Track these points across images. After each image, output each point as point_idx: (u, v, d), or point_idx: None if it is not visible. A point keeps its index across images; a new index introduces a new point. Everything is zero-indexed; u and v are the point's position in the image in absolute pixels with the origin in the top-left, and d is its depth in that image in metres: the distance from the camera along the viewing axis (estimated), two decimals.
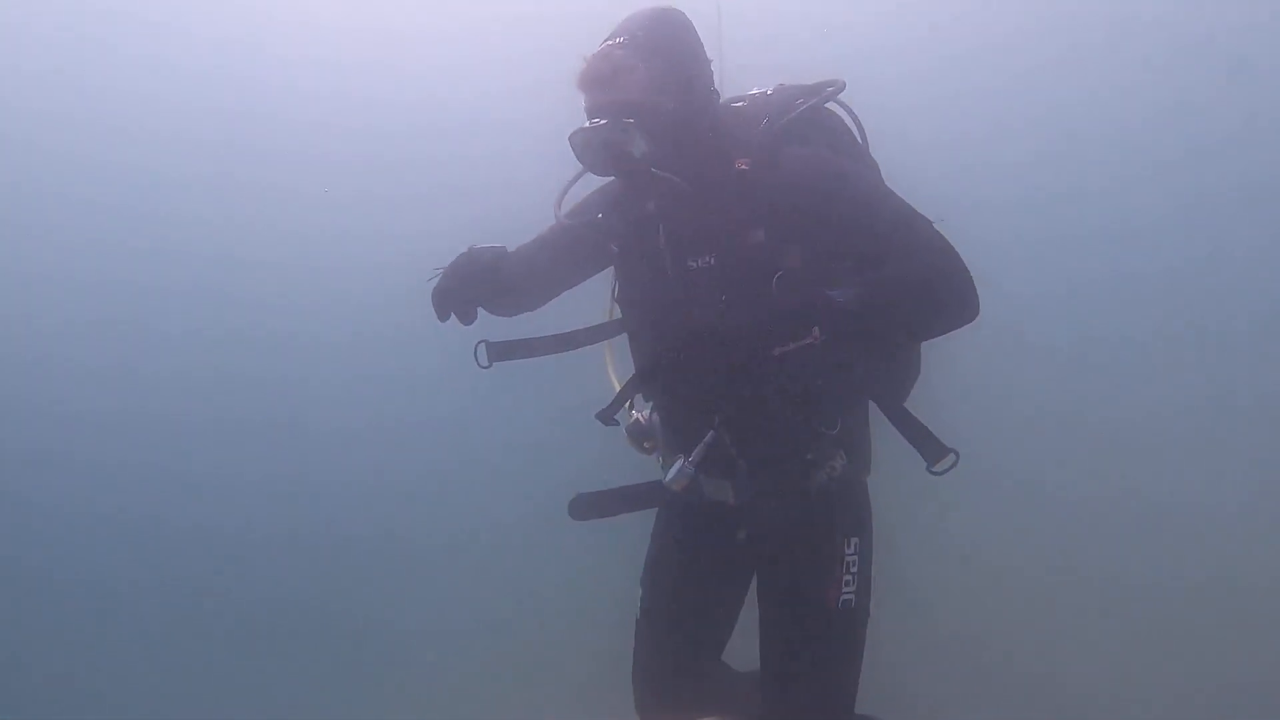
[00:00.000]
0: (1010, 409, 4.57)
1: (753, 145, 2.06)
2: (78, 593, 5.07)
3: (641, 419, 2.44)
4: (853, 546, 2.23)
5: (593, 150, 2.04)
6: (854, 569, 2.22)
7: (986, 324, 2.02)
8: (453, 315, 2.26)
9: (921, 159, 2.66)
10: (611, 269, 2.40)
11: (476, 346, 2.31)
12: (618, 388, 2.49)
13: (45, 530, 5.19)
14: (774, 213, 2.01)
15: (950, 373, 2.52)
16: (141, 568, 5.07)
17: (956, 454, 2.00)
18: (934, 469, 2.00)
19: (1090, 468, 4.59)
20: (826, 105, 2.20)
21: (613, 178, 2.18)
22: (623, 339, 2.43)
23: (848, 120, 2.24)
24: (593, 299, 2.53)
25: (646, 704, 2.56)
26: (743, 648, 2.56)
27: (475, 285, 2.21)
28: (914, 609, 3.84)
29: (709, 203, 2.05)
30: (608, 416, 2.34)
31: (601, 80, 2.00)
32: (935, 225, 1.99)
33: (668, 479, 2.13)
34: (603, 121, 1.98)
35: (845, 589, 2.20)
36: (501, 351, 2.32)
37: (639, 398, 2.44)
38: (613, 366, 2.55)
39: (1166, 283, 4.71)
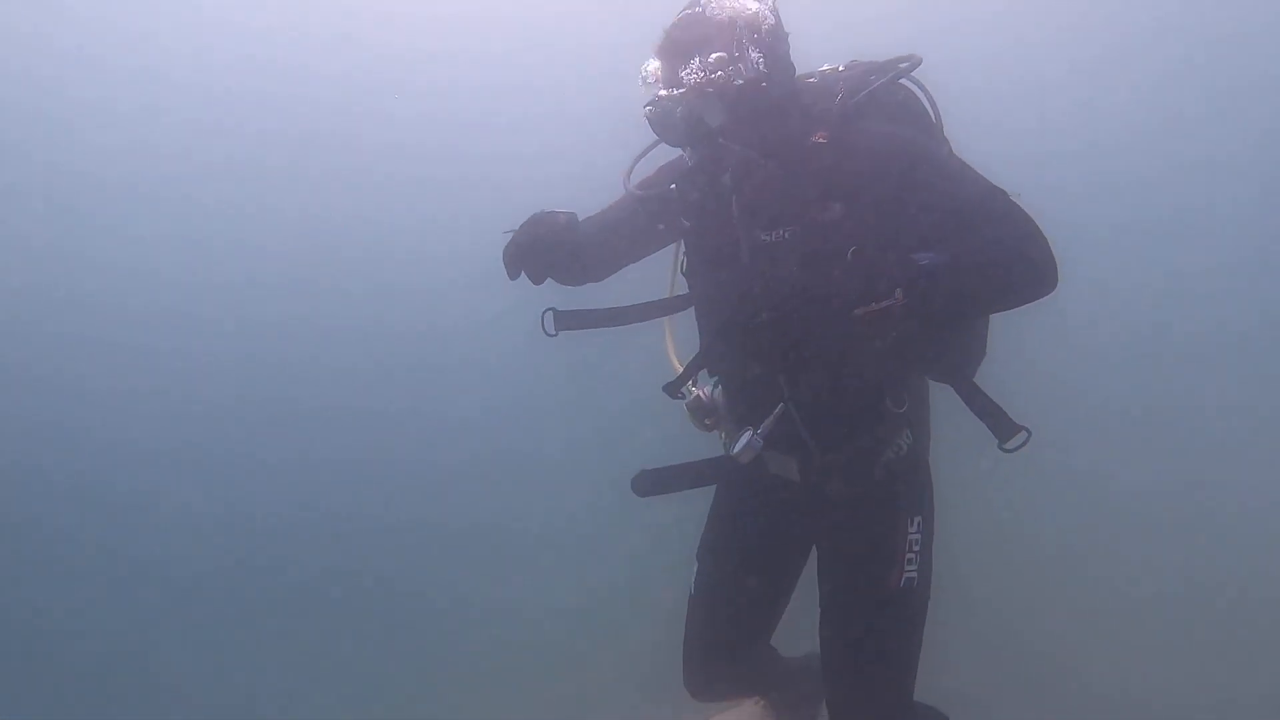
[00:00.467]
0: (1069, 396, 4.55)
1: (829, 120, 2.04)
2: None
3: (703, 395, 2.39)
4: (915, 525, 2.23)
5: (670, 120, 2.01)
6: (916, 548, 2.22)
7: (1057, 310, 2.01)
8: (523, 275, 2.21)
9: (996, 139, 2.61)
10: (674, 245, 2.38)
11: (544, 314, 2.29)
12: (676, 364, 2.48)
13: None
14: (851, 187, 1.99)
15: (1014, 357, 2.50)
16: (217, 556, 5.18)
17: (1028, 431, 1.98)
18: (1005, 446, 1.99)
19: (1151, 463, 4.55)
20: (902, 81, 2.16)
21: (683, 151, 2.15)
22: (686, 315, 2.40)
23: (922, 97, 2.20)
24: (651, 281, 2.50)
25: (695, 681, 2.56)
26: (790, 634, 2.58)
27: (549, 245, 2.17)
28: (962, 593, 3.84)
29: (784, 176, 2.03)
30: (675, 389, 2.31)
31: (681, 49, 1.98)
32: (1013, 198, 1.96)
33: (735, 450, 2.10)
34: (681, 90, 1.96)
35: (908, 568, 2.20)
36: (569, 321, 2.30)
37: (702, 374, 2.39)
38: (672, 342, 2.53)
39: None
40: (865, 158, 1.99)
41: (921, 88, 2.20)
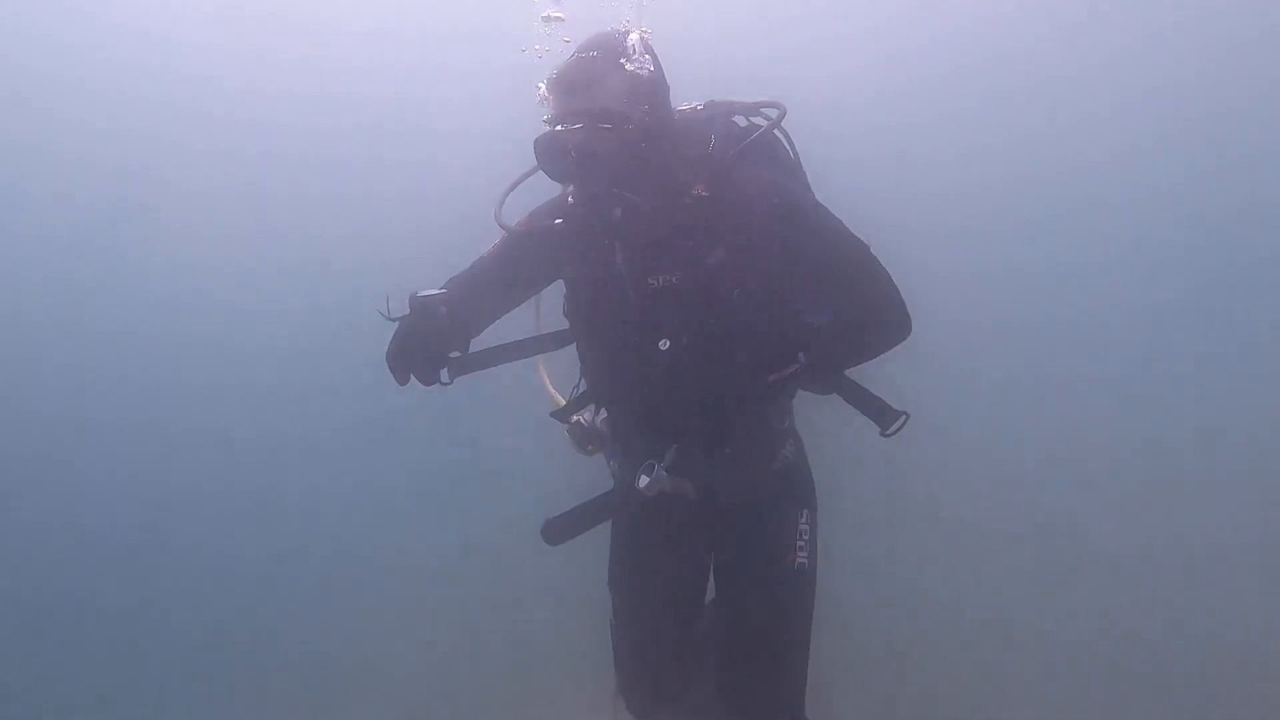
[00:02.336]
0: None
1: (707, 169, 2.13)
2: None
3: (584, 421, 2.48)
4: (805, 518, 2.42)
5: (561, 154, 2.03)
6: (806, 537, 2.40)
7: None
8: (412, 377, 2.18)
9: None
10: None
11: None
12: (551, 390, 2.58)
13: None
14: (732, 233, 2.10)
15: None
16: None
17: (906, 415, 2.17)
18: (886, 432, 2.16)
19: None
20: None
21: (561, 192, 2.22)
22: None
23: (785, 143, 2.33)
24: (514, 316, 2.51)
25: (641, 703, 2.63)
26: None
27: (434, 341, 2.15)
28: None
29: (668, 225, 2.11)
30: (565, 416, 2.43)
31: (579, 86, 2.02)
32: (870, 250, 2.15)
33: (642, 485, 2.12)
34: (579, 125, 2.00)
35: (800, 554, 2.37)
36: (462, 366, 2.30)
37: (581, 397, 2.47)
38: (545, 372, 2.62)
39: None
40: (743, 206, 2.09)
41: (785, 133, 2.33)
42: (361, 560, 5.03)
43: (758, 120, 2.30)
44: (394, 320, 2.15)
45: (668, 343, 2.11)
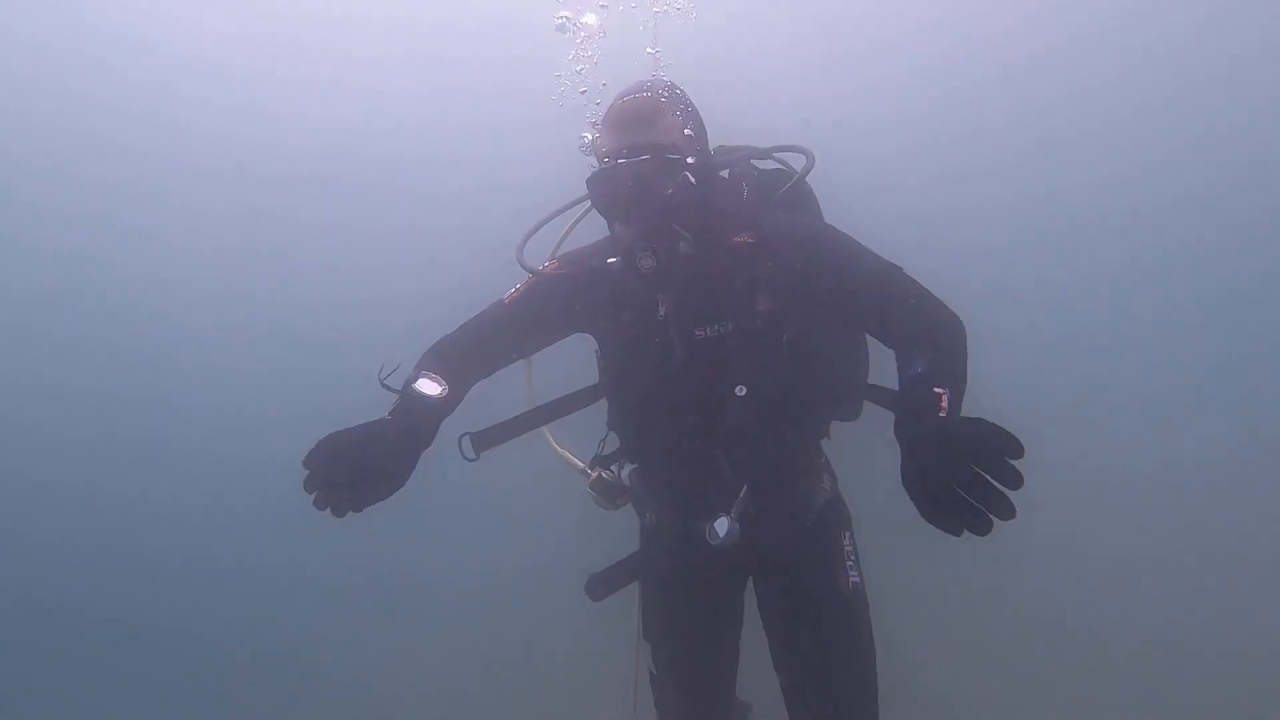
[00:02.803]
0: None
1: (746, 217, 2.15)
2: None
3: (606, 475, 2.43)
4: (847, 539, 2.43)
5: (623, 187, 2.00)
6: (853, 556, 2.40)
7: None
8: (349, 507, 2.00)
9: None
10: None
11: (460, 440, 2.27)
12: (561, 450, 2.52)
13: None
14: (778, 279, 2.11)
15: None
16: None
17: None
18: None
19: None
20: (790, 167, 2.31)
21: (616, 227, 2.17)
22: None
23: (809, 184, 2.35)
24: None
25: None
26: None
27: (402, 449, 2.01)
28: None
29: (715, 274, 2.11)
30: (599, 476, 2.39)
31: (639, 121, 2.03)
32: (906, 272, 2.15)
33: (721, 540, 2.13)
34: (645, 157, 1.99)
35: (851, 574, 2.37)
36: (486, 441, 2.29)
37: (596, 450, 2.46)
38: (552, 438, 2.55)
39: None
40: (786, 250, 2.10)
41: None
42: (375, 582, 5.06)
43: (772, 163, 2.34)
44: (389, 390, 2.08)
45: (744, 389, 2.09)
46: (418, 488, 2.04)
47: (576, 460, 2.54)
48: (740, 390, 2.08)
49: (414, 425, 2.02)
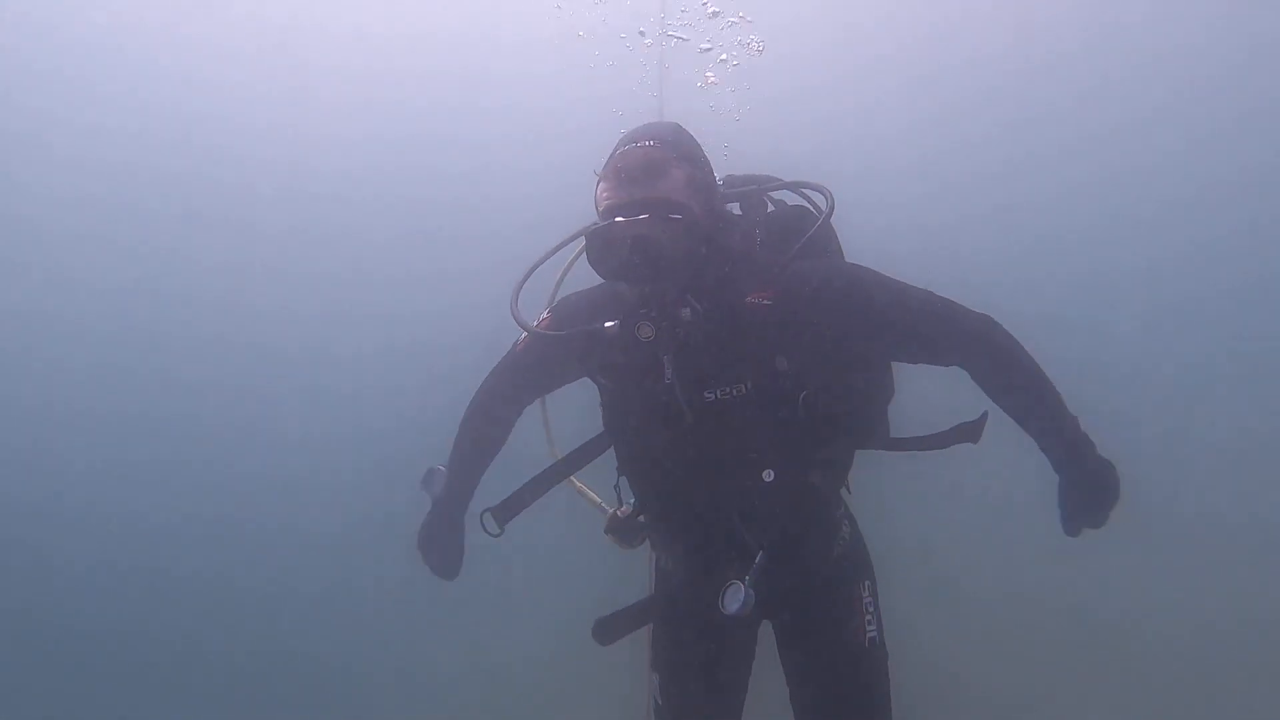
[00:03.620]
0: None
1: (760, 271, 2.01)
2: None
3: (620, 514, 2.35)
4: (866, 589, 2.33)
5: (620, 248, 1.87)
6: (871, 608, 2.31)
7: None
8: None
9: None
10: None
11: (481, 516, 2.25)
12: (584, 489, 2.47)
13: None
14: (797, 337, 1.98)
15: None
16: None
17: (985, 412, 2.10)
18: (979, 440, 2.11)
19: None
20: (806, 206, 2.21)
21: (601, 286, 2.10)
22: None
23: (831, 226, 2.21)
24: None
25: None
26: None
27: (456, 546, 2.39)
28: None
29: (727, 337, 1.98)
30: (627, 536, 2.34)
31: (639, 174, 1.87)
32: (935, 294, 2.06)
33: (735, 610, 2.01)
34: (643, 215, 1.86)
35: (869, 627, 2.28)
36: (506, 513, 2.26)
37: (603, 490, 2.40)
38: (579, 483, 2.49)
39: None
40: (809, 303, 1.98)
41: (816, 207, 2.24)
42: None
43: (786, 198, 2.24)
44: (426, 492, 2.29)
45: (772, 474, 1.99)
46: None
47: (595, 495, 2.49)
48: (768, 476, 1.98)
49: (452, 521, 2.36)
